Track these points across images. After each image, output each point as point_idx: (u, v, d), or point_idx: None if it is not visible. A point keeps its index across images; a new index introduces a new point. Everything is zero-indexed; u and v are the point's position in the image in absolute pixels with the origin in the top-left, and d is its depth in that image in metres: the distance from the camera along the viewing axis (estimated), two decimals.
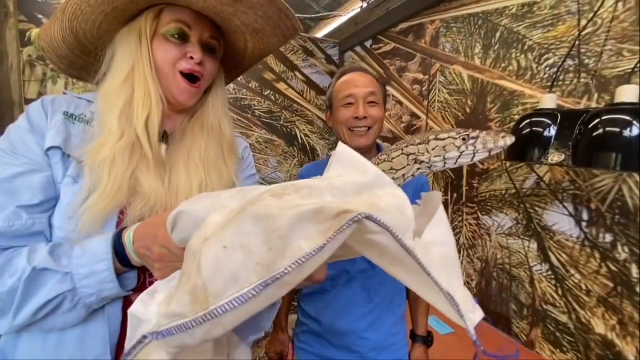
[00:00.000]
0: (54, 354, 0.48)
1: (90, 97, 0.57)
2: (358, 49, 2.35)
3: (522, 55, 1.26)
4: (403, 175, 0.45)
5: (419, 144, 0.44)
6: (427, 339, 1.00)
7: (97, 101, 0.55)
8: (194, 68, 0.57)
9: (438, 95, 1.69)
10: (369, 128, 0.89)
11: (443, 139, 0.43)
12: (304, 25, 3.05)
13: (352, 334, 0.93)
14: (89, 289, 0.45)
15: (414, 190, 0.95)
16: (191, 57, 0.57)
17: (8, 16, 1.64)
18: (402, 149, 0.44)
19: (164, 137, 0.60)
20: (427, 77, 1.75)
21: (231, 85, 2.22)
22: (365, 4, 2.28)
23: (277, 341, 1.05)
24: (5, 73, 1.68)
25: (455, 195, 1.60)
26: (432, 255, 0.36)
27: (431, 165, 0.44)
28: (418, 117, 1.82)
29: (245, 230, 0.27)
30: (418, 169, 0.43)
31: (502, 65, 1.33)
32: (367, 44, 2.25)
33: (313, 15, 2.49)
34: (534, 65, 1.22)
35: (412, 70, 1.85)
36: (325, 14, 2.39)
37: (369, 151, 0.94)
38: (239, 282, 0.25)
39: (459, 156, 0.43)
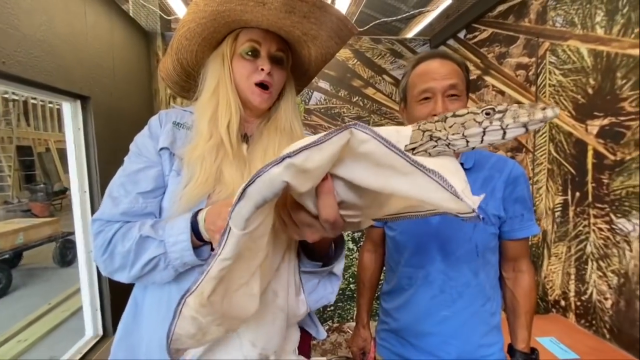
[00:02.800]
0: (167, 304, 0.63)
1: (192, 110, 0.73)
2: (451, 42, 2.21)
3: None
4: (425, 150, 0.41)
5: (437, 121, 0.40)
6: (530, 357, 0.86)
7: (195, 112, 0.70)
8: (265, 79, 0.67)
9: (549, 79, 1.44)
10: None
11: (462, 115, 0.38)
12: (393, 29, 3.03)
13: (434, 337, 0.87)
14: (175, 254, 0.58)
15: (505, 183, 0.85)
16: (262, 69, 0.67)
17: (159, 62, 2.17)
18: (420, 125, 0.41)
19: (245, 138, 0.71)
20: (533, 59, 1.52)
21: (322, 96, 2.38)
22: None
23: (359, 337, 1.07)
24: (158, 105, 2.23)
25: (578, 194, 1.33)
26: (428, 160, 0.36)
27: (450, 144, 0.39)
28: None
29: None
30: (434, 146, 0.39)
31: (636, 30, 1.06)
32: (461, 35, 2.10)
33: (399, 17, 2.45)
34: None
35: (515, 54, 1.64)
36: (413, 12, 2.32)
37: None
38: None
39: (483, 133, 0.37)
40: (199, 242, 0.58)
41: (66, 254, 4.54)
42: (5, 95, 9.03)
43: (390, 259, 1.00)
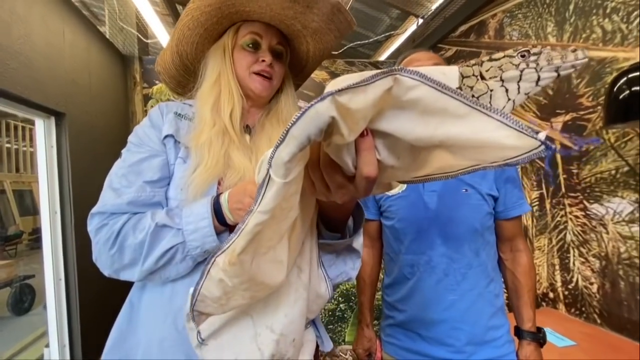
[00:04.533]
0: (168, 303, 0.58)
1: (191, 102, 0.73)
2: None
3: (606, 20, 1.14)
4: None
5: (474, 65, 0.38)
6: (538, 335, 0.86)
7: (196, 102, 0.70)
8: (265, 68, 0.69)
9: None
10: None
11: (498, 59, 0.37)
12: (363, 55, 3.23)
13: (443, 324, 0.86)
14: (195, 242, 0.55)
15: (501, 180, 0.90)
16: (263, 61, 0.69)
17: (136, 85, 2.15)
18: (460, 67, 0.38)
19: (247, 129, 0.72)
20: None
21: None
22: (421, 20, 2.34)
23: (364, 338, 1.03)
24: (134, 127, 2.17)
25: (552, 187, 1.41)
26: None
27: (492, 97, 0.37)
28: None
29: None
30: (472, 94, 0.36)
31: (584, 35, 1.22)
32: None
33: (369, 41, 2.63)
34: (623, 26, 1.09)
35: None
36: (381, 37, 2.51)
37: None
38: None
39: (520, 78, 0.36)
40: (222, 226, 0.56)
41: (22, 301, 4.07)
42: None
43: (390, 250, 0.99)
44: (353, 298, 2.50)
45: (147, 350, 0.58)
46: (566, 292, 1.38)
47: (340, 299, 2.47)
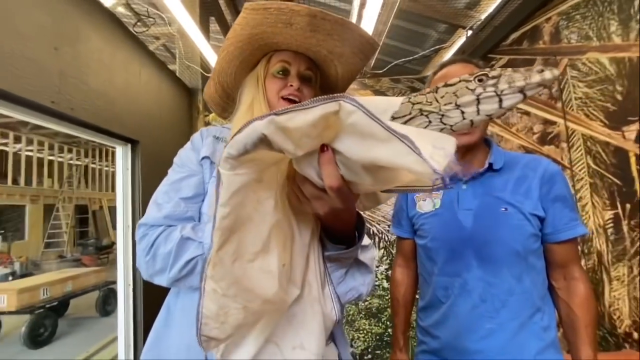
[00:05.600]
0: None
1: (230, 127, 0.81)
2: None
3: None
4: (417, 126, 0.39)
5: (429, 92, 0.38)
6: None
7: (232, 126, 0.78)
8: (293, 92, 0.74)
9: (574, 92, 1.43)
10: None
11: (454, 84, 0.36)
12: (412, 72, 3.19)
13: (479, 355, 0.78)
14: None
15: (540, 181, 0.82)
16: (291, 85, 0.74)
17: (199, 114, 2.43)
18: (410, 97, 0.39)
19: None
20: None
21: None
22: (470, 32, 2.26)
23: None
24: None
25: (628, 206, 1.22)
26: (405, 127, 0.34)
27: (444, 116, 0.36)
28: (553, 123, 1.56)
29: None
30: (428, 123, 0.36)
31: None
32: None
33: (414, 57, 2.60)
34: None
35: None
36: (427, 51, 2.46)
37: (476, 149, 0.87)
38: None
39: (478, 102, 0.35)
40: None
41: (108, 303, 4.69)
42: (70, 162, 10.25)
43: (423, 271, 0.95)
44: None
45: (177, 354, 0.62)
46: None
47: (388, 322, 2.37)
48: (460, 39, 2.35)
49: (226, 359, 0.47)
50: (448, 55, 2.57)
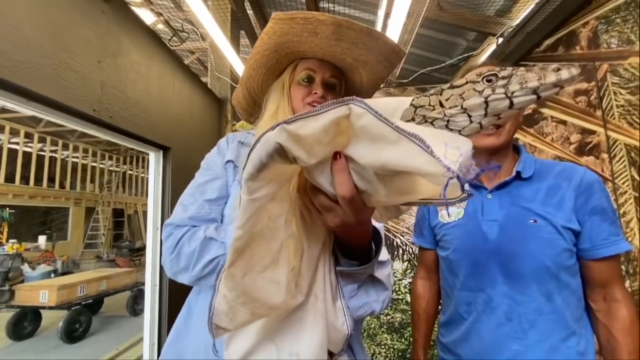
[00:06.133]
0: None
1: (255, 132, 0.83)
2: None
3: None
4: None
5: (433, 94, 0.35)
6: None
7: (257, 131, 0.79)
8: (317, 99, 0.75)
9: (616, 99, 1.33)
10: (499, 125, 0.81)
11: (460, 86, 0.33)
12: (441, 81, 3.13)
13: None
14: None
15: (576, 191, 0.76)
16: (315, 93, 0.75)
17: (227, 122, 2.52)
18: (413, 100, 0.36)
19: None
20: (593, 83, 1.44)
21: None
22: (500, 39, 2.19)
23: None
24: None
25: None
26: (415, 126, 0.33)
27: (449, 121, 0.33)
28: (593, 132, 1.46)
29: None
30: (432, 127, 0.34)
31: None
32: None
33: (440, 66, 2.55)
34: None
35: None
36: (455, 60, 2.41)
37: (503, 154, 0.83)
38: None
39: (486, 105, 0.31)
40: None
41: (137, 303, 4.88)
42: (110, 168, 10.96)
43: (445, 284, 0.91)
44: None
45: (196, 352, 0.64)
46: None
47: (410, 338, 2.27)
48: (490, 47, 2.29)
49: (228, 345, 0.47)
50: (479, 63, 2.51)
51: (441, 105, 0.34)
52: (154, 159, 1.76)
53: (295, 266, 0.46)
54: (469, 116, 0.32)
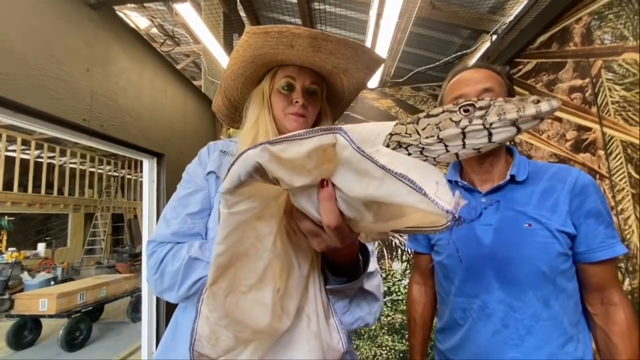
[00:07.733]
0: None
1: (237, 140, 0.82)
2: None
3: None
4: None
5: (409, 122, 0.34)
6: None
7: (238, 139, 0.78)
8: (298, 111, 0.73)
9: (611, 96, 1.32)
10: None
11: (436, 115, 0.32)
12: (435, 79, 3.12)
13: None
14: None
15: (570, 194, 0.75)
16: (296, 102, 0.74)
17: (222, 127, 2.51)
18: (395, 124, 0.36)
19: None
20: (587, 80, 1.43)
21: None
22: (494, 36, 2.18)
23: None
24: None
25: None
26: (400, 160, 0.32)
27: (424, 149, 0.33)
28: (588, 129, 1.45)
29: None
30: (407, 154, 0.34)
31: None
32: None
33: (436, 64, 2.54)
34: None
35: (566, 79, 1.55)
36: (450, 58, 2.40)
37: (495, 157, 0.82)
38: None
39: (463, 135, 0.31)
40: None
41: (137, 310, 4.87)
42: (109, 173, 10.94)
43: (440, 289, 0.90)
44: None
45: None
46: None
47: None
48: (484, 44, 2.28)
49: None
50: (472, 61, 2.49)
51: (417, 133, 0.33)
52: (148, 166, 1.75)
53: (281, 287, 0.45)
54: (446, 146, 0.32)
